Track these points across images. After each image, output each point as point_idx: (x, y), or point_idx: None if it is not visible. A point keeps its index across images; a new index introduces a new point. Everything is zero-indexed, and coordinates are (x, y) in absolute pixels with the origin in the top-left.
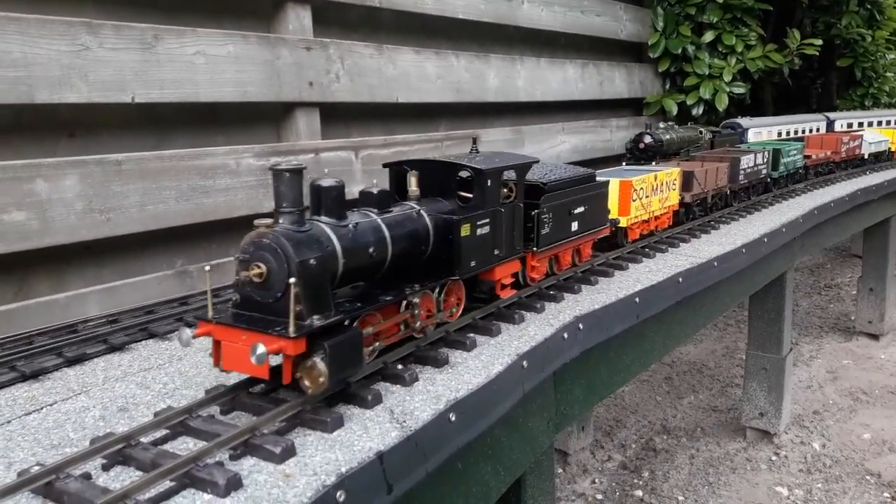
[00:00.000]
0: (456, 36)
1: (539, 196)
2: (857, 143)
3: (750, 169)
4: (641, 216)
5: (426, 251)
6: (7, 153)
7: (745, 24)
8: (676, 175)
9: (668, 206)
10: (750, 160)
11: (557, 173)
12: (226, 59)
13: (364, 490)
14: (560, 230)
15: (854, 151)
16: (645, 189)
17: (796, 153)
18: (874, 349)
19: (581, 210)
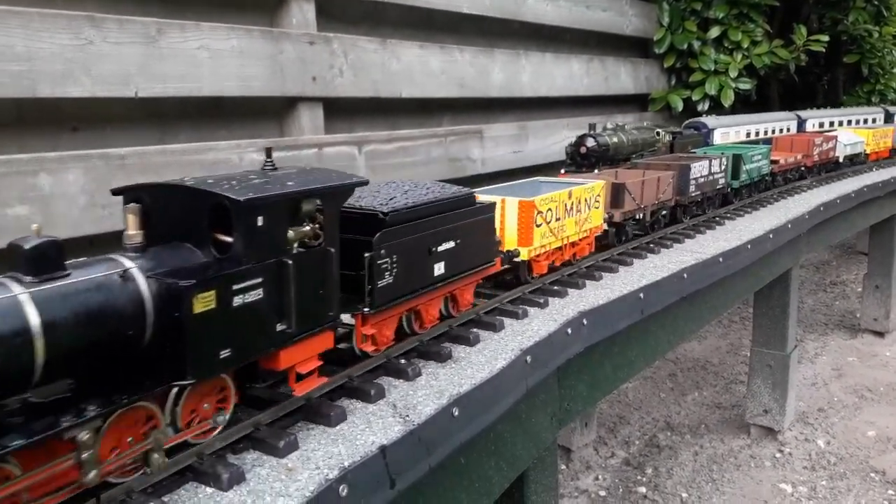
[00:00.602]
0: (460, 30)
1: (374, 232)
2: (831, 145)
3: (703, 178)
4: (551, 244)
5: (143, 338)
6: (10, 147)
7: (751, 20)
8: (600, 190)
9: (588, 228)
10: (703, 168)
11: (410, 197)
12: (229, 54)
13: (367, 484)
14: (414, 277)
15: (828, 154)
16: (554, 210)
17: (761, 158)
18: (879, 346)
19: (450, 246)
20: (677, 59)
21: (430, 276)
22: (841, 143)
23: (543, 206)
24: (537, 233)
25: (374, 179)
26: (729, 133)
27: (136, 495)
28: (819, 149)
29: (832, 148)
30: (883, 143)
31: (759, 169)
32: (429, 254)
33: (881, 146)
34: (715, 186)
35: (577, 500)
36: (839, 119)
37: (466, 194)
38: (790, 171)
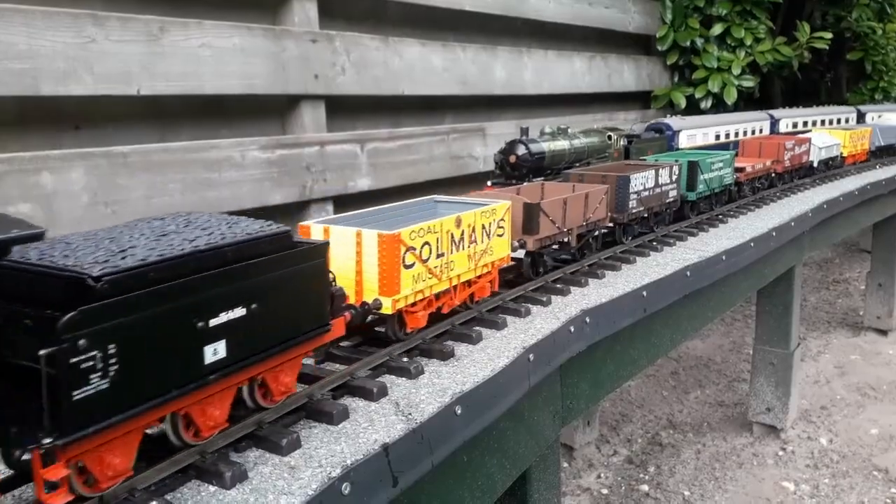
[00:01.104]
0: (463, 28)
1: (67, 309)
2: (804, 149)
3: (648, 192)
4: (431, 287)
5: None
6: (13, 146)
7: (754, 17)
8: (505, 212)
9: (490, 262)
10: (647, 179)
11: (160, 246)
12: (231, 52)
13: (369, 482)
14: (165, 370)
15: (800, 159)
16: (435, 243)
17: (723, 166)
18: (882, 345)
19: (237, 315)
20: (680, 57)
21: (197, 365)
22: (815, 147)
23: (416, 239)
24: (407, 276)
25: (376, 177)
26: (696, 136)
27: (139, 493)
28: (791, 153)
29: (805, 152)
30: (860, 146)
31: (720, 178)
32: (194, 332)
33: (858, 148)
34: (664, 200)
35: (579, 498)
36: (813, 119)
37: (271, 235)
38: (758, 179)
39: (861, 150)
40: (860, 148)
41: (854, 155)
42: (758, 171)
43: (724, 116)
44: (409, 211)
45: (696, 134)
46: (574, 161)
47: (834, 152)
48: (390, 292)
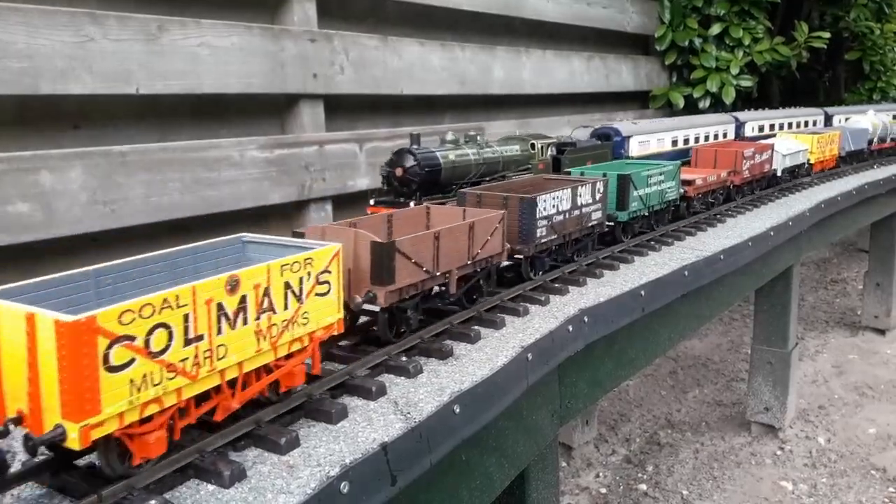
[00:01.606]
0: (461, 28)
1: None
2: (765, 157)
3: (563, 215)
4: (179, 392)
5: None
6: (11, 145)
7: (752, 17)
8: (330, 260)
9: (304, 335)
10: (562, 200)
11: None
12: (230, 51)
13: (368, 481)
14: None
15: (762, 168)
16: (180, 324)
17: (665, 179)
18: (880, 344)
19: None
20: (678, 56)
21: None
22: (778, 154)
23: (134, 322)
24: (115, 382)
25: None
26: (649, 142)
27: (137, 492)
28: (750, 162)
29: (767, 160)
30: (829, 151)
31: (661, 194)
32: None
33: (827, 154)
34: (585, 224)
35: (577, 497)
36: (781, 122)
37: None
38: (712, 194)
39: (830, 156)
40: (829, 153)
41: (822, 161)
42: (710, 184)
43: (684, 119)
44: (201, 257)
45: (648, 140)
46: (486, 174)
47: (800, 159)
48: (79, 414)
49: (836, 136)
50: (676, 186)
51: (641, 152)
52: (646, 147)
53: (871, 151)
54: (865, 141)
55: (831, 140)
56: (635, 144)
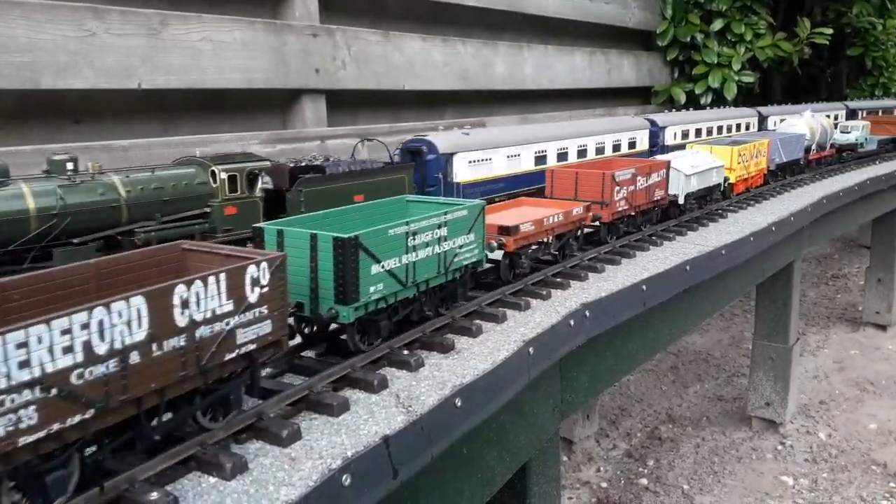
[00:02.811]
0: (463, 23)
1: None
2: (657, 180)
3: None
4: None
5: None
6: (13, 139)
7: (754, 13)
8: None
9: None
10: (130, 324)
11: None
12: (232, 46)
13: (370, 474)
14: None
15: (650, 196)
16: None
17: (453, 233)
18: (881, 339)
19: None
20: (680, 52)
21: None
22: (679, 175)
23: None
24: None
25: None
26: (489, 161)
27: (139, 484)
28: (630, 188)
29: (659, 184)
30: (755, 165)
31: (442, 259)
32: None
33: (752, 169)
34: (216, 360)
35: (578, 491)
36: (710, 125)
37: None
38: (557, 242)
39: (757, 171)
40: (755, 168)
41: (747, 179)
42: (550, 228)
43: (567, 126)
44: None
45: (488, 159)
46: (74, 233)
47: (713, 179)
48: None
49: (763, 146)
50: (479, 242)
51: (473, 177)
52: (479, 170)
53: (808, 162)
54: (801, 149)
55: (758, 151)
56: (462, 166)
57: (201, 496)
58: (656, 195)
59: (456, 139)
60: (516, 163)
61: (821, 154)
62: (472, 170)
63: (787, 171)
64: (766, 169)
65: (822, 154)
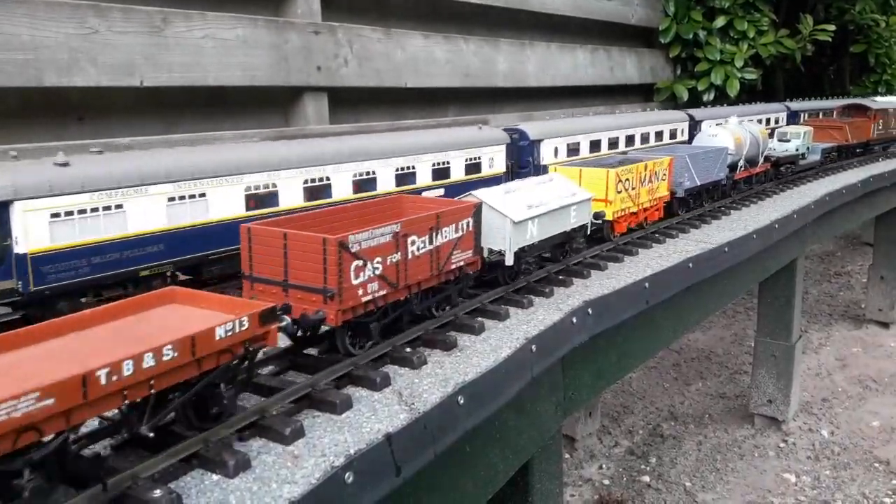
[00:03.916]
0: (465, 20)
1: None
2: (460, 232)
3: None
4: None
5: None
6: (16, 137)
7: (757, 10)
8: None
9: None
10: None
11: None
12: (234, 43)
13: (373, 471)
14: None
15: (440, 266)
16: None
17: None
18: (884, 337)
19: None
20: (683, 49)
21: None
22: (505, 223)
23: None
24: None
25: None
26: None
27: (142, 481)
28: (394, 260)
29: (462, 241)
30: (649, 193)
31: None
32: None
33: (645, 199)
34: None
35: (581, 488)
36: (612, 136)
37: None
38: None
39: (653, 202)
40: (649, 197)
41: (636, 213)
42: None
43: (381, 142)
44: None
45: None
46: None
47: (571, 221)
48: None
49: (663, 166)
50: None
51: (188, 220)
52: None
53: (733, 183)
54: (722, 167)
55: (653, 173)
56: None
57: (204, 493)
58: (455, 260)
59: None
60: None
61: (751, 171)
62: None
63: (705, 196)
64: (669, 197)
65: (754, 171)
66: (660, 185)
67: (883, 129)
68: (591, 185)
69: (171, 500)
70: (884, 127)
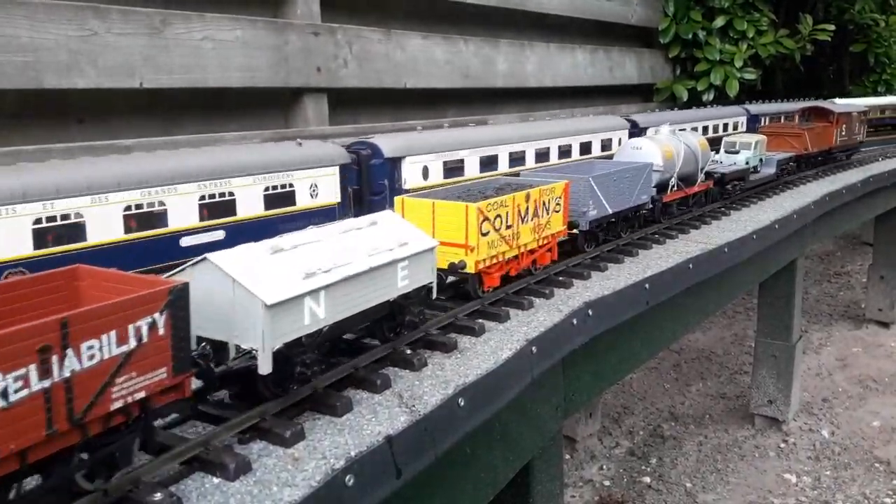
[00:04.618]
0: (465, 21)
1: None
2: (100, 359)
3: None
4: None
5: None
6: (16, 138)
7: (756, 9)
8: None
9: None
10: None
11: None
12: (233, 45)
13: (373, 474)
14: None
15: None
16: None
17: None
18: (884, 337)
19: None
20: (682, 49)
21: None
22: (255, 306)
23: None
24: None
25: None
26: None
27: (143, 485)
28: None
29: (78, 383)
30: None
31: None
32: None
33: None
34: None
35: (581, 489)
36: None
37: None
38: None
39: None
40: (535, 236)
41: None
42: None
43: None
44: None
45: None
46: None
47: (408, 280)
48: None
49: (557, 193)
50: None
51: None
52: None
53: (663, 207)
54: (646, 188)
55: (539, 203)
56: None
57: (205, 497)
58: (123, 391)
59: None
60: None
61: (686, 191)
62: None
63: (622, 226)
64: (565, 232)
65: (690, 191)
66: (552, 219)
67: (846, 135)
68: (446, 225)
69: (172, 503)
70: (847, 132)
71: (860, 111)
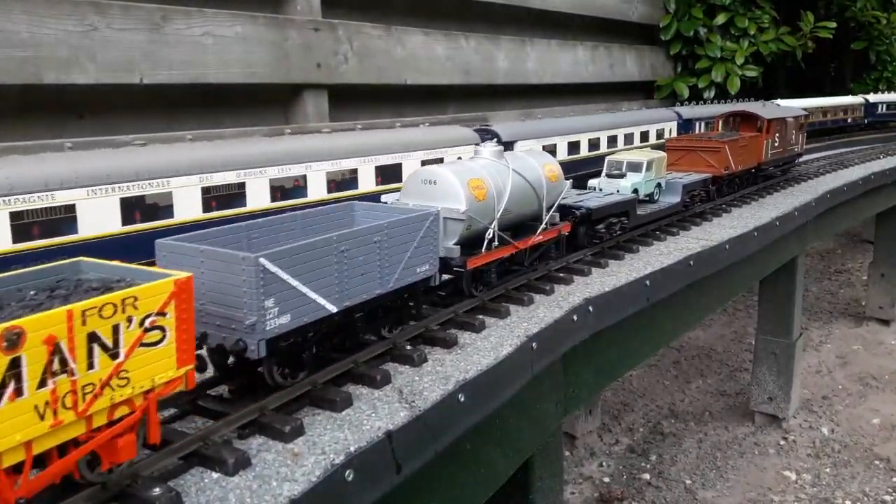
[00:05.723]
0: (466, 17)
1: None
2: None
3: None
4: None
5: None
6: (16, 134)
7: (758, 7)
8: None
9: None
10: None
11: None
12: (234, 40)
13: (373, 469)
14: None
15: None
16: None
17: None
18: (884, 334)
19: None
20: (683, 47)
21: None
22: None
23: None
24: None
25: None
26: None
27: (142, 480)
28: None
29: None
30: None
31: None
32: None
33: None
34: None
35: (581, 486)
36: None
37: None
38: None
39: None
40: (97, 406)
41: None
42: None
43: None
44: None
45: None
46: None
47: None
48: None
49: (156, 302)
50: None
51: None
52: None
53: (473, 275)
54: (428, 252)
55: (106, 332)
56: None
57: (204, 491)
58: None
59: None
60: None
61: (519, 244)
62: None
63: (371, 327)
64: (179, 382)
65: (527, 243)
66: (136, 362)
67: (780, 147)
68: None
69: (171, 498)
70: (781, 143)
71: (797, 115)
